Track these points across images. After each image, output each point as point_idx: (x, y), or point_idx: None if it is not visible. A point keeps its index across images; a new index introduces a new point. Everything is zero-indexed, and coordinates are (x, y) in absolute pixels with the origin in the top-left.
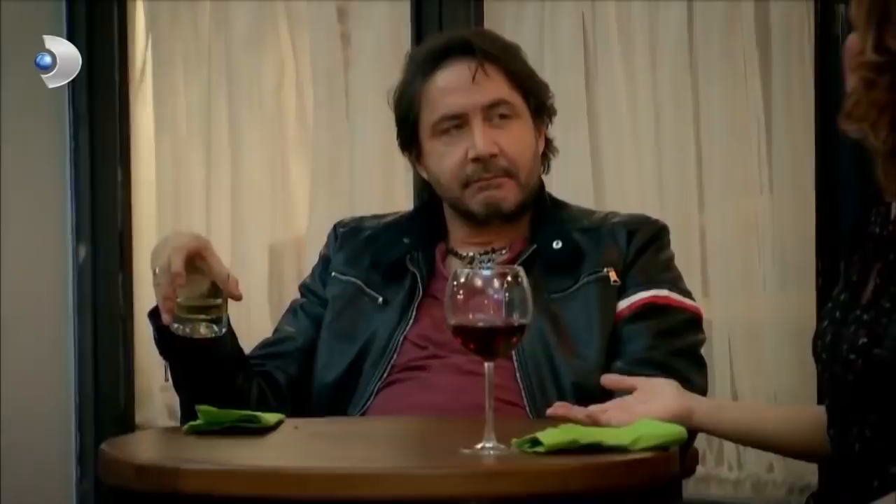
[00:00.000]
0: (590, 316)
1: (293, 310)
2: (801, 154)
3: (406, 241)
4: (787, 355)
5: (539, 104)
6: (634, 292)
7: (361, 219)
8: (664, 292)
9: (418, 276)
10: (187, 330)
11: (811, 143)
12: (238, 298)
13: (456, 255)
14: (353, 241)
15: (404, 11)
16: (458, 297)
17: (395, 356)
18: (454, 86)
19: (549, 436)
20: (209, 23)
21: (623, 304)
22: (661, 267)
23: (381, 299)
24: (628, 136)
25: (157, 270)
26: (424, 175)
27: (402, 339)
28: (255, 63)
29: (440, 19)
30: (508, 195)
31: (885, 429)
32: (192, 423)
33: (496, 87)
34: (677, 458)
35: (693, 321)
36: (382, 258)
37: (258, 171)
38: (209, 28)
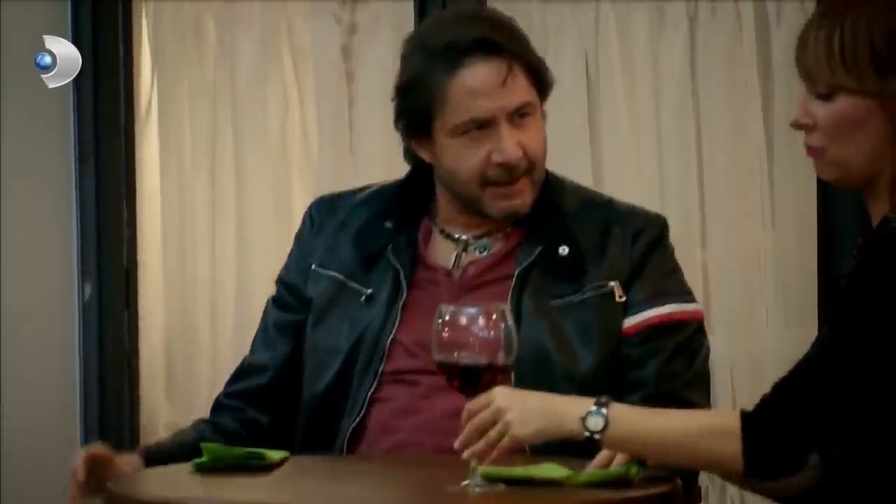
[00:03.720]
0: (589, 335)
1: (265, 328)
2: (802, 190)
3: (388, 225)
4: None
5: (546, 90)
6: (641, 310)
7: (338, 197)
8: (669, 309)
9: (401, 272)
10: None
11: (813, 178)
12: None
13: (446, 235)
14: (331, 224)
15: None
16: (444, 334)
17: (382, 364)
18: (485, 89)
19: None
20: (214, 59)
21: (629, 323)
22: (667, 273)
23: (365, 294)
24: (631, 169)
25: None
26: (427, 159)
27: (389, 342)
28: (260, 98)
29: None
30: (527, 199)
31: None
32: (196, 460)
33: (522, 88)
34: (681, 494)
35: (698, 330)
36: (363, 247)
37: (263, 205)
38: (214, 64)
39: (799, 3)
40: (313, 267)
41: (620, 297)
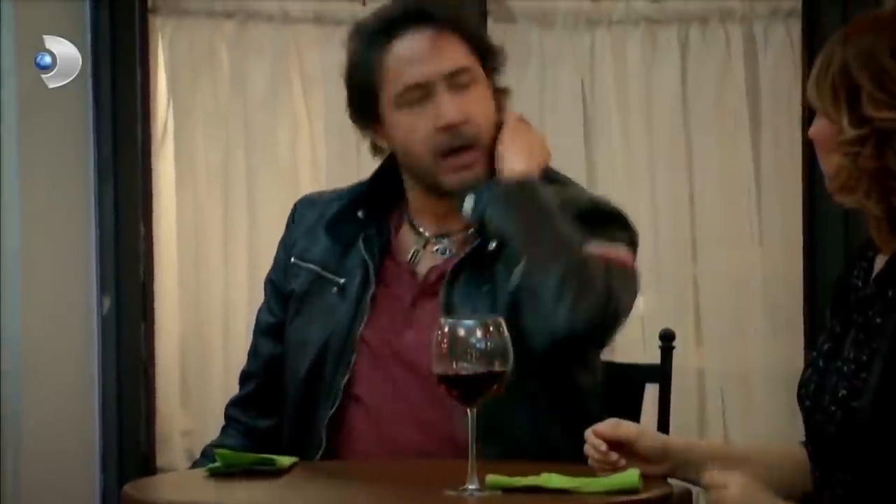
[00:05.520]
0: (506, 301)
1: (254, 334)
2: (789, 208)
3: (360, 214)
4: (776, 400)
5: (494, 67)
6: None
7: (322, 194)
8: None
9: (370, 265)
10: None
11: (798, 197)
12: None
13: (413, 227)
14: (310, 218)
15: None
16: (443, 346)
17: (355, 354)
18: (416, 55)
19: (499, 480)
20: (227, 83)
21: None
22: (579, 227)
23: (337, 285)
24: (625, 189)
25: None
26: (384, 145)
27: (358, 337)
28: (271, 121)
29: None
30: (478, 172)
31: (866, 475)
32: (210, 465)
33: (456, 54)
34: (675, 499)
35: (621, 272)
36: (335, 236)
37: (273, 222)
38: (227, 88)
39: (784, 30)
40: (292, 260)
41: None
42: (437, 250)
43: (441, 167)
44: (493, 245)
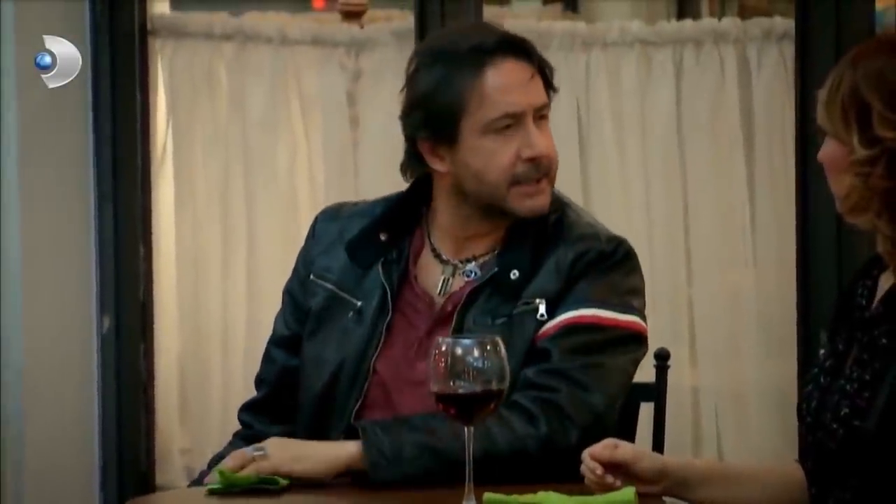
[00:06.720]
0: (513, 349)
1: (268, 342)
2: (783, 229)
3: (382, 237)
4: (770, 418)
5: (551, 99)
6: (560, 313)
7: (342, 206)
8: (591, 311)
9: (388, 292)
10: None
11: (792, 218)
12: None
13: (437, 255)
14: (330, 234)
15: None
16: (440, 365)
17: (366, 385)
18: (515, 84)
19: (496, 498)
20: (226, 105)
21: (546, 326)
22: (596, 284)
23: (354, 308)
24: (620, 210)
25: None
26: (440, 168)
27: (371, 366)
28: (270, 142)
29: None
30: (547, 200)
31: (864, 493)
32: (210, 485)
33: (542, 89)
34: None
35: (623, 338)
36: (356, 258)
37: (271, 242)
38: (226, 110)
39: (777, 52)
40: (311, 277)
41: (541, 315)
42: (462, 273)
43: (512, 194)
44: (515, 274)
